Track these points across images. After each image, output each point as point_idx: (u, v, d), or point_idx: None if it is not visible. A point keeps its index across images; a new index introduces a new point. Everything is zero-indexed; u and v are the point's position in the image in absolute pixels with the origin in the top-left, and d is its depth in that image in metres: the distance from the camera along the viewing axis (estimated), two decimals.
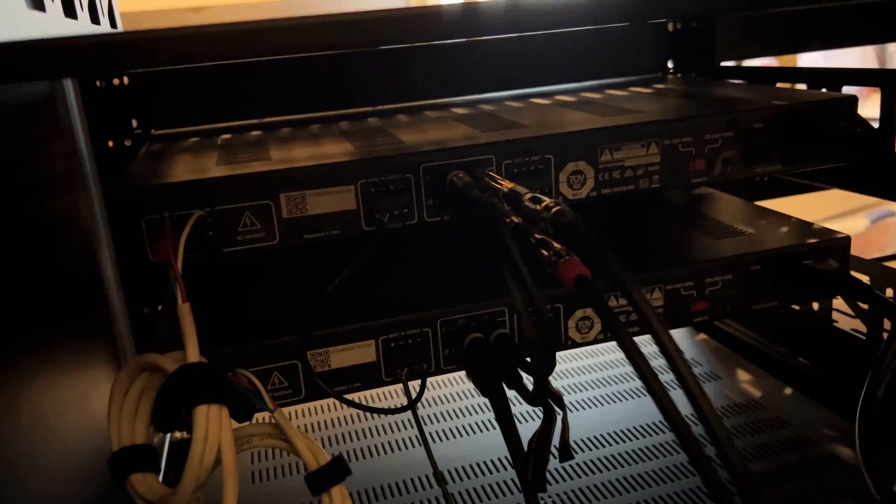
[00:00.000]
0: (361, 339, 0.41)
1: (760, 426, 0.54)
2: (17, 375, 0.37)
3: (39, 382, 0.39)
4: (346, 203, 0.40)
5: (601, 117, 0.46)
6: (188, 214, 0.37)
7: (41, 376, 0.40)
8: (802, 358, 0.61)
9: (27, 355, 0.38)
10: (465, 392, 0.63)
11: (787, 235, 0.50)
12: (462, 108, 0.58)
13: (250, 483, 0.52)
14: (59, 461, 0.41)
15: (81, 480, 0.43)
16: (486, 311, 0.42)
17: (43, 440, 0.39)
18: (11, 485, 0.34)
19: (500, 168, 0.41)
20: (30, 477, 0.37)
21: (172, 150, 0.49)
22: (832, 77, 0.54)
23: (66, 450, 0.42)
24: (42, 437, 0.39)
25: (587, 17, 0.34)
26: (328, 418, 0.60)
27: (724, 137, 0.45)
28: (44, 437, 0.39)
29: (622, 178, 0.44)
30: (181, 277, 0.34)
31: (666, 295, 0.46)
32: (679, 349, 0.24)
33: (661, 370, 0.26)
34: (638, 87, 0.61)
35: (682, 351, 0.25)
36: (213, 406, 0.32)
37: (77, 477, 0.43)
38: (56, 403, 0.41)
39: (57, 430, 0.41)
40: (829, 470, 0.48)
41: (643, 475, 0.49)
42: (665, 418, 0.24)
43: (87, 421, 0.46)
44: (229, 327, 0.42)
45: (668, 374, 0.24)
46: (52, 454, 0.40)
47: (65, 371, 0.44)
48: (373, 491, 0.50)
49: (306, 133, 0.52)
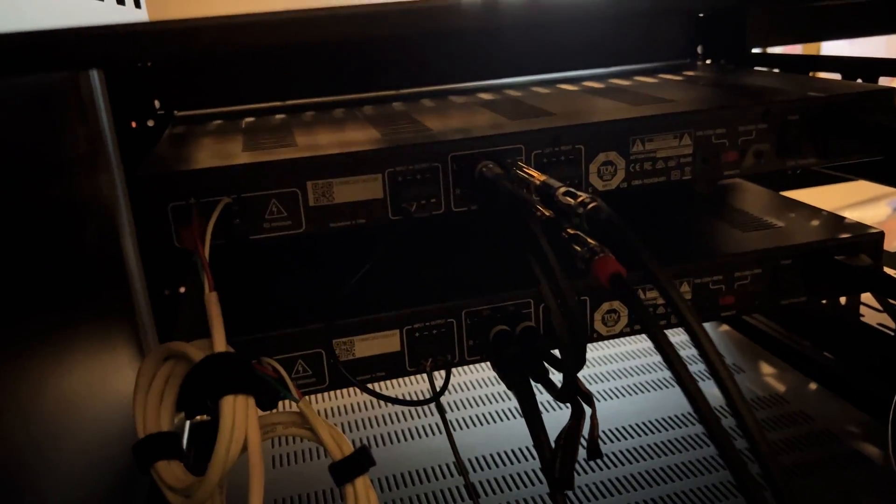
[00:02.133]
0: (386, 329, 0.41)
1: (783, 421, 0.53)
2: (41, 356, 0.37)
3: (64, 364, 0.40)
4: (373, 192, 0.39)
5: (632, 106, 0.45)
6: (214, 201, 0.37)
7: (65, 357, 0.40)
8: (827, 352, 0.60)
9: (50, 337, 0.38)
10: (489, 379, 0.62)
11: (819, 229, 0.49)
12: (488, 93, 0.57)
13: (272, 467, 0.52)
14: (83, 442, 0.41)
15: (105, 461, 0.44)
16: (512, 303, 0.42)
17: (68, 421, 0.39)
18: (38, 464, 0.34)
19: (529, 157, 0.41)
20: (55, 457, 0.37)
21: (196, 134, 0.49)
22: (869, 67, 0.53)
23: (90, 430, 0.43)
24: (67, 418, 0.39)
25: (609, 8, 0.33)
26: (349, 403, 0.60)
27: (758, 129, 0.44)
28: (68, 419, 0.39)
29: (653, 170, 0.43)
30: (208, 266, 0.34)
31: (694, 288, 0.45)
32: (719, 353, 0.24)
33: (691, 360, 0.25)
34: (667, 74, 0.60)
35: (721, 355, 0.24)
36: (240, 396, 0.32)
37: (100, 457, 0.43)
38: (79, 384, 0.42)
39: (82, 411, 0.41)
40: (851, 467, 0.48)
41: (665, 469, 0.49)
42: (700, 419, 0.23)
43: (110, 401, 0.46)
44: (254, 314, 0.42)
45: (696, 364, 0.24)
46: (77, 435, 0.40)
47: (87, 352, 0.44)
48: (394, 479, 0.50)
49: (330, 118, 0.52)
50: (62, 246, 0.42)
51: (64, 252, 0.42)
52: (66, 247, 0.42)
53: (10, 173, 0.35)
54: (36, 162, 0.39)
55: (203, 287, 0.35)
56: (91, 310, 0.46)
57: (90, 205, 0.49)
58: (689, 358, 0.53)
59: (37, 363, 0.36)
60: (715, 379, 0.24)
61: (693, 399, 0.24)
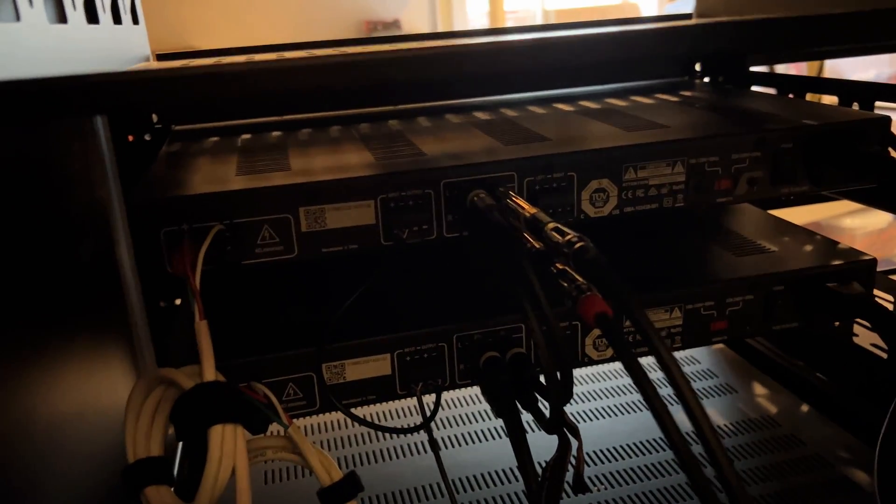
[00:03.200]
0: (377, 353, 0.41)
1: (774, 444, 0.54)
2: (35, 369, 0.37)
3: (57, 379, 0.40)
4: (366, 218, 0.39)
5: (626, 132, 0.45)
6: (207, 227, 0.37)
7: (59, 373, 0.40)
8: (820, 373, 0.60)
9: (44, 351, 0.38)
10: (478, 397, 0.63)
11: (812, 255, 0.49)
12: (483, 111, 0.57)
13: (263, 484, 0.52)
14: (74, 461, 0.41)
15: (97, 481, 0.44)
16: (502, 328, 0.42)
17: (60, 439, 0.39)
18: (28, 485, 0.35)
19: (521, 184, 0.41)
20: (46, 477, 0.37)
21: (191, 153, 0.49)
22: (865, 91, 0.53)
23: (81, 449, 0.43)
24: (59, 436, 0.39)
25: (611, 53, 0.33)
26: (337, 419, 0.61)
27: (751, 157, 0.44)
28: (61, 436, 0.39)
29: (646, 197, 0.43)
30: (199, 295, 0.34)
31: (685, 314, 0.45)
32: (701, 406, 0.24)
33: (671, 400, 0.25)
34: (664, 94, 0.60)
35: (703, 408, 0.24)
36: (228, 426, 0.33)
37: (92, 477, 0.43)
38: (73, 400, 0.42)
39: (74, 428, 0.41)
40: (839, 494, 0.48)
41: (655, 492, 0.49)
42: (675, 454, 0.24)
43: (102, 418, 0.46)
44: (245, 337, 0.42)
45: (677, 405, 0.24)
46: (69, 453, 0.40)
47: (81, 366, 0.44)
48: (383, 497, 0.50)
49: (326, 136, 0.52)
50: (57, 258, 0.42)
51: (59, 264, 0.42)
52: (62, 259, 0.43)
53: (3, 185, 0.35)
54: (31, 174, 0.39)
55: (193, 314, 0.35)
56: (86, 322, 0.47)
57: (86, 217, 0.49)
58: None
59: (30, 380, 0.36)
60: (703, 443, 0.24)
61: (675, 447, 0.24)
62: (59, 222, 0.44)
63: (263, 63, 0.27)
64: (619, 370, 0.65)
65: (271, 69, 0.27)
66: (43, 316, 0.39)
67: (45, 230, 0.40)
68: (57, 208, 0.43)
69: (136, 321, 0.57)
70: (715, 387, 0.62)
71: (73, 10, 0.37)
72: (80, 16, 0.39)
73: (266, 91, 0.27)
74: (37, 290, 0.38)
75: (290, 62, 0.27)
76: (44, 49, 0.32)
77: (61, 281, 0.42)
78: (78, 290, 0.45)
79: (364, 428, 0.59)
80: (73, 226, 0.46)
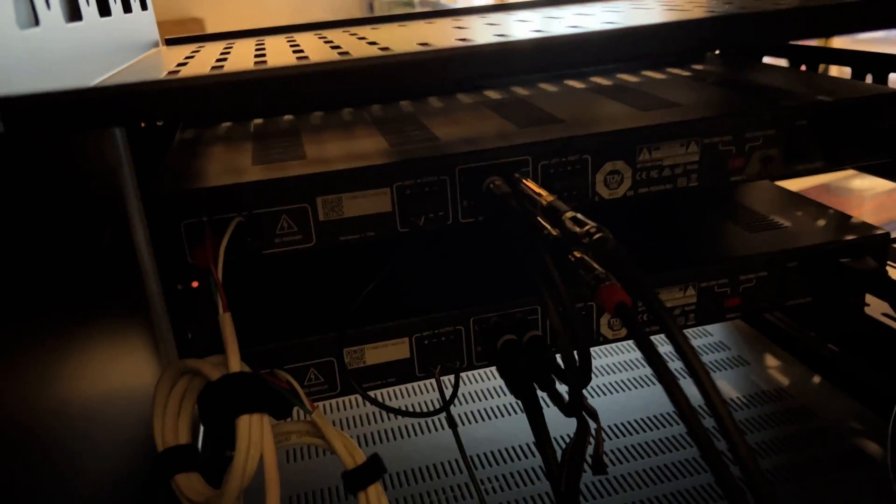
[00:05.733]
0: (395, 337, 0.42)
1: (787, 416, 0.54)
2: (66, 356, 0.38)
3: (86, 363, 0.40)
4: (382, 205, 0.40)
5: (640, 112, 0.45)
6: (226, 218, 0.37)
7: (86, 359, 0.41)
8: (832, 345, 0.60)
9: (72, 337, 0.39)
10: (494, 373, 0.63)
11: (825, 230, 0.49)
12: (494, 90, 0.57)
13: (286, 463, 0.54)
14: (107, 444, 0.42)
15: (128, 463, 0.45)
16: (519, 310, 0.43)
17: (93, 423, 0.40)
18: (68, 467, 0.36)
19: (535, 168, 0.41)
20: (83, 460, 0.38)
21: (206, 140, 0.49)
22: (879, 62, 0.53)
23: (114, 432, 0.44)
24: (93, 420, 0.40)
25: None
26: (355, 398, 0.61)
27: (765, 135, 0.44)
28: (94, 421, 0.40)
29: (660, 178, 0.43)
30: (222, 286, 0.35)
31: (699, 292, 0.46)
32: (717, 388, 0.24)
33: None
34: (674, 68, 0.60)
35: (718, 390, 0.25)
36: (255, 416, 0.33)
37: (124, 459, 0.45)
38: (102, 383, 0.43)
39: (105, 412, 0.42)
40: (852, 467, 0.49)
41: (671, 465, 0.50)
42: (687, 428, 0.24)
43: (130, 402, 0.47)
44: (266, 325, 0.43)
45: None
46: (102, 437, 0.41)
47: (106, 353, 0.45)
48: (404, 475, 0.52)
49: (338, 120, 0.52)
50: (74, 245, 0.42)
51: (76, 251, 0.43)
52: (78, 246, 0.43)
53: (18, 173, 0.36)
54: (46, 164, 0.39)
55: (216, 305, 0.35)
56: (108, 309, 0.47)
57: (103, 205, 0.49)
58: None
59: (64, 366, 0.37)
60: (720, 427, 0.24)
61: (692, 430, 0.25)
62: (77, 211, 0.44)
63: (284, 69, 0.27)
64: (632, 345, 0.66)
65: (291, 75, 0.27)
66: (69, 303, 0.39)
67: (63, 219, 0.41)
68: (73, 197, 0.43)
69: (156, 307, 0.58)
70: (727, 359, 0.63)
71: (86, 7, 0.37)
72: (94, 11, 0.39)
73: (290, 97, 0.28)
74: (61, 279, 0.39)
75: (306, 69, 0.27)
76: (63, 50, 0.32)
77: (82, 270, 0.43)
78: (98, 278, 0.46)
79: None
80: (90, 214, 0.46)
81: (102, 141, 0.51)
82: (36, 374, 0.33)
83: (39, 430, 0.32)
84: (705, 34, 0.35)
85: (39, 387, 0.34)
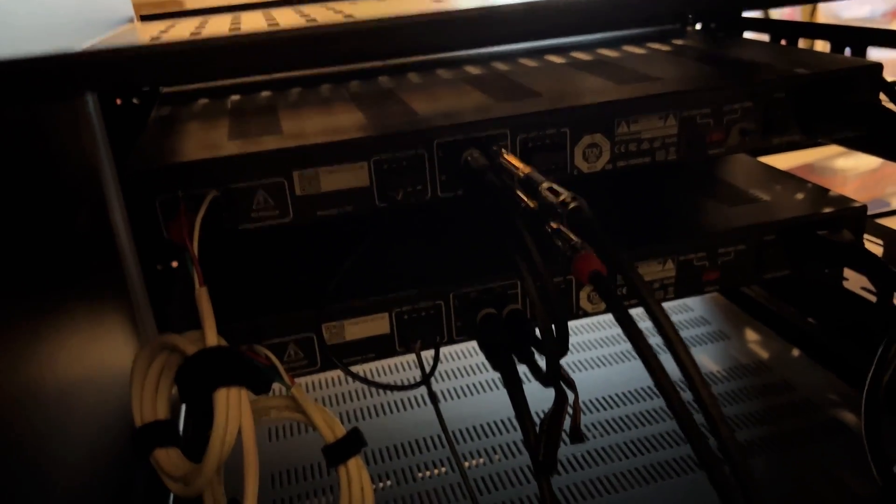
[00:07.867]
0: (375, 312, 0.42)
1: (765, 390, 0.55)
2: (41, 337, 0.38)
3: (63, 344, 0.40)
4: (360, 180, 0.39)
5: (618, 85, 0.45)
6: (202, 194, 0.37)
7: (63, 340, 0.41)
8: (811, 318, 0.61)
9: (48, 318, 0.39)
10: (475, 349, 0.64)
11: (802, 203, 0.50)
12: (474, 65, 0.57)
13: (267, 441, 0.54)
14: (84, 425, 0.42)
15: (106, 443, 0.45)
16: (498, 284, 0.43)
17: (69, 405, 0.40)
18: (40, 452, 0.35)
19: (514, 141, 0.41)
20: (57, 443, 0.38)
21: (182, 117, 0.49)
22: (857, 36, 0.53)
23: (91, 413, 0.44)
24: (68, 402, 0.40)
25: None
26: (337, 375, 0.62)
27: (743, 108, 0.44)
28: (69, 403, 0.40)
29: (638, 151, 0.43)
30: (197, 261, 0.35)
31: (678, 265, 0.46)
32: (695, 363, 0.25)
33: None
34: (656, 44, 0.60)
35: (690, 353, 0.25)
36: (233, 389, 0.33)
37: (102, 439, 0.44)
38: (78, 366, 0.42)
39: (82, 394, 0.42)
40: (830, 438, 0.49)
41: (650, 438, 0.51)
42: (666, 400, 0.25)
43: (108, 382, 0.47)
44: (244, 300, 0.43)
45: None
46: (78, 418, 0.41)
47: (83, 333, 0.45)
48: (385, 451, 0.52)
49: (316, 96, 0.51)
50: (50, 226, 0.42)
51: (52, 232, 0.42)
52: (55, 227, 0.43)
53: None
54: (20, 142, 0.39)
55: (193, 280, 0.35)
56: (86, 289, 0.47)
57: (79, 184, 0.49)
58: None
59: (37, 348, 0.37)
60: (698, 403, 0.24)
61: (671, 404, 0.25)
62: (53, 190, 0.43)
63: (253, 36, 0.27)
64: (612, 321, 0.66)
65: (260, 41, 0.27)
66: (45, 285, 0.39)
67: (38, 199, 0.40)
68: (49, 176, 0.43)
69: (134, 286, 0.57)
70: (708, 334, 0.63)
71: None
72: None
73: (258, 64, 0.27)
74: (38, 259, 0.38)
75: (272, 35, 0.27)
76: (31, 27, 0.32)
77: (59, 249, 0.42)
78: (76, 257, 0.46)
79: (359, 383, 0.60)
80: (66, 193, 0.46)
81: (79, 121, 0.51)
82: (9, 359, 0.33)
83: (11, 416, 0.32)
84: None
85: (13, 371, 0.33)
